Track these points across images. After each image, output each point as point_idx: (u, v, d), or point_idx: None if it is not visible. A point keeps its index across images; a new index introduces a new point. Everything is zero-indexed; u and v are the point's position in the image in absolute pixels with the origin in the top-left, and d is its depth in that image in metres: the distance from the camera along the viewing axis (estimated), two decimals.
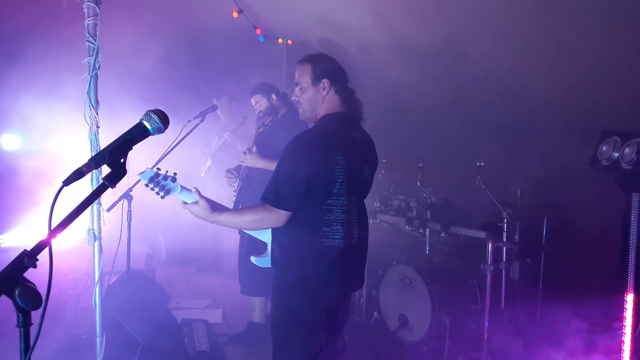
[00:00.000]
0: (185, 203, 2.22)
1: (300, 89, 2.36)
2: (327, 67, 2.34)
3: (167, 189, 2.20)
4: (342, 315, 2.41)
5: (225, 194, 4.63)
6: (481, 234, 3.78)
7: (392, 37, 4.66)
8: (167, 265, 6.02)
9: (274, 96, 3.90)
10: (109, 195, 2.15)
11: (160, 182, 2.18)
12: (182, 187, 2.22)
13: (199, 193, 2.21)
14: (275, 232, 2.31)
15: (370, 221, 4.68)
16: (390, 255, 4.34)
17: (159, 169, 2.20)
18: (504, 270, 3.78)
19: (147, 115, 1.37)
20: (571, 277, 4.02)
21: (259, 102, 3.92)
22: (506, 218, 3.74)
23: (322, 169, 2.14)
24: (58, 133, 5.14)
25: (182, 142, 3.79)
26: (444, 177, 4.39)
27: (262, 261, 2.38)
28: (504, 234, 3.74)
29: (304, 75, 2.34)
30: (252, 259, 2.41)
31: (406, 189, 4.63)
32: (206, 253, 5.98)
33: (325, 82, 2.31)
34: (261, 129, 3.81)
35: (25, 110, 4.71)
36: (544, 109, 4.05)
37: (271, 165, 3.67)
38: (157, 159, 3.75)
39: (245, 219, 2.24)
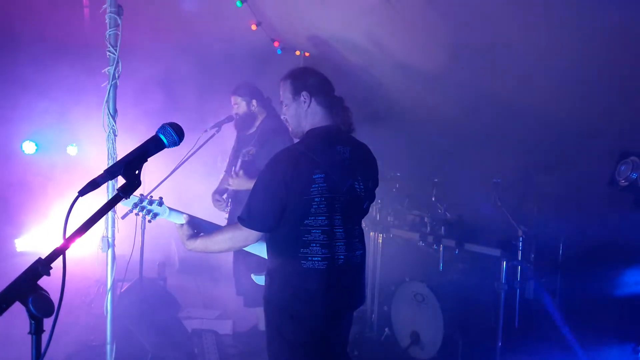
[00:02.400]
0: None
1: (285, 106, 2.32)
2: (306, 80, 2.29)
3: (153, 213, 2.21)
4: (337, 336, 2.31)
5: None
6: (496, 252, 3.74)
7: (403, 56, 4.68)
8: (179, 274, 6.04)
9: (254, 102, 3.81)
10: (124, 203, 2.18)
11: (145, 206, 2.20)
12: (172, 209, 2.23)
13: (188, 217, 2.24)
14: (267, 251, 2.27)
15: (384, 235, 4.65)
16: (403, 271, 4.31)
17: (142, 194, 2.22)
18: (518, 290, 3.73)
19: (163, 128, 1.39)
20: (588, 298, 3.93)
21: (237, 105, 3.84)
22: (522, 236, 3.69)
23: (297, 187, 2.06)
24: (75, 140, 5.23)
25: (204, 152, 3.84)
26: (459, 193, 4.35)
27: (262, 279, 2.35)
28: (519, 253, 3.70)
29: (285, 92, 2.31)
30: (253, 276, 2.40)
31: (421, 204, 4.60)
32: (218, 263, 5.98)
33: (304, 94, 2.25)
34: (246, 158, 3.79)
35: (44, 117, 4.80)
36: (560, 127, 4.00)
37: None
38: (173, 167, 3.80)
39: (217, 239, 2.22)
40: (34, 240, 5.19)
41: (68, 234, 1.24)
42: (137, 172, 1.32)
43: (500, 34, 3.77)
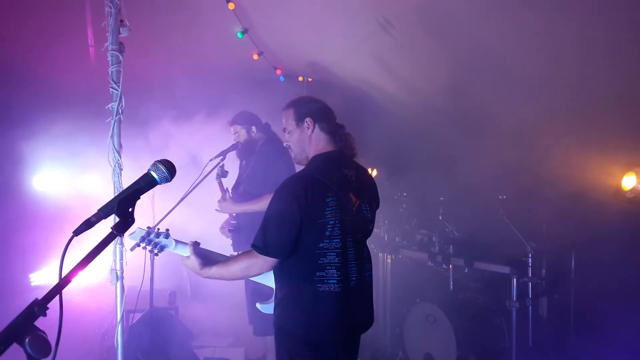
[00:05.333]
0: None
1: (288, 132, 2.37)
2: (309, 107, 2.35)
3: (160, 246, 2.22)
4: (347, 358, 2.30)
5: None
6: (505, 269, 3.70)
7: (402, 81, 4.73)
8: (191, 302, 6.03)
9: (254, 129, 3.86)
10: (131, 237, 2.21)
11: (152, 240, 2.21)
12: (177, 242, 2.24)
13: (193, 248, 2.24)
14: (275, 278, 2.28)
15: (392, 256, 4.63)
16: (414, 292, 4.27)
17: (149, 227, 2.23)
18: (530, 307, 3.68)
19: (154, 165, 1.41)
20: (604, 312, 3.86)
21: (238, 133, 3.88)
22: (531, 252, 3.66)
23: (312, 212, 2.09)
24: (87, 174, 5.31)
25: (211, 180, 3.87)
26: (466, 211, 4.32)
27: (268, 307, 2.34)
28: (529, 269, 3.66)
29: (288, 120, 2.36)
30: (258, 305, 2.39)
31: (428, 223, 4.57)
32: (230, 291, 5.97)
33: (308, 120, 2.31)
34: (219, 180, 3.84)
35: (56, 152, 4.89)
36: (564, 140, 3.99)
37: (247, 208, 3.69)
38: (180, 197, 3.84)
39: (233, 269, 2.22)
40: (48, 275, 5.24)
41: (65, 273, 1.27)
42: (130, 209, 1.35)
43: (500, 54, 3.80)
